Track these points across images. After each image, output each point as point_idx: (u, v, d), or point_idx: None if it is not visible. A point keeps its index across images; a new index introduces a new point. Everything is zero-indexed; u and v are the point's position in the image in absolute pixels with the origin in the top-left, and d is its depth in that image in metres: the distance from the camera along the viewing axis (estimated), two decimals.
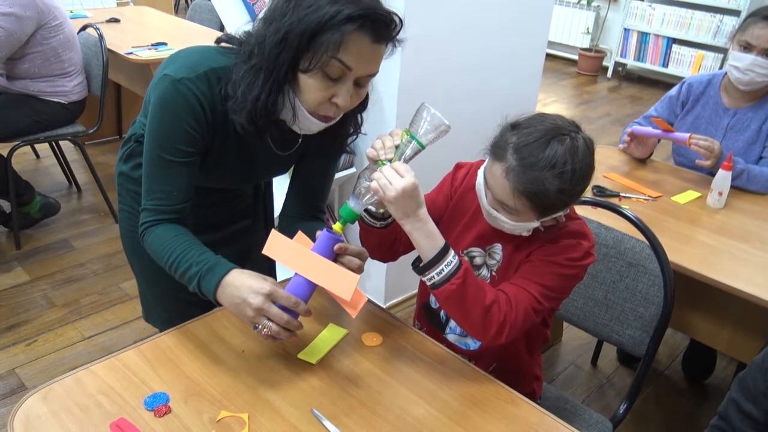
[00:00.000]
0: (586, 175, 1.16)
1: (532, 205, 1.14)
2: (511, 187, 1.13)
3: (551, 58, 6.91)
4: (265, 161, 1.37)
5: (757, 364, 1.11)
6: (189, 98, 1.17)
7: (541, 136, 1.12)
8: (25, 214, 3.09)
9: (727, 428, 1.13)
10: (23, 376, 2.24)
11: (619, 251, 1.60)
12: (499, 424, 1.12)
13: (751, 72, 2.09)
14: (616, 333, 1.61)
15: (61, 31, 2.83)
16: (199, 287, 1.19)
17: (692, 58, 6.07)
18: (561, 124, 1.15)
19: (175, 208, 1.25)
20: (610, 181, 2.19)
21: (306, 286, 1.16)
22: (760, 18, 2.06)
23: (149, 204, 1.25)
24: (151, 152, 1.22)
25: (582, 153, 1.13)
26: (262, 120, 1.17)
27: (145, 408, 1.09)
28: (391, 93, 2.26)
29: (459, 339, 1.40)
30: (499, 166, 1.15)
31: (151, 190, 1.24)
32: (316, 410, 1.11)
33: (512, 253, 1.30)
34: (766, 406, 1.09)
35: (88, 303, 2.66)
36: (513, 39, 2.61)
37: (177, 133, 1.19)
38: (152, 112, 1.20)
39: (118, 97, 4.09)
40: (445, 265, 1.14)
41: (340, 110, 1.18)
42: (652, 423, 2.27)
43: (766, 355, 1.11)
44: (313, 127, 1.21)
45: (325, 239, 1.17)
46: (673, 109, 2.37)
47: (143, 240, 1.27)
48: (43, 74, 2.83)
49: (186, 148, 1.21)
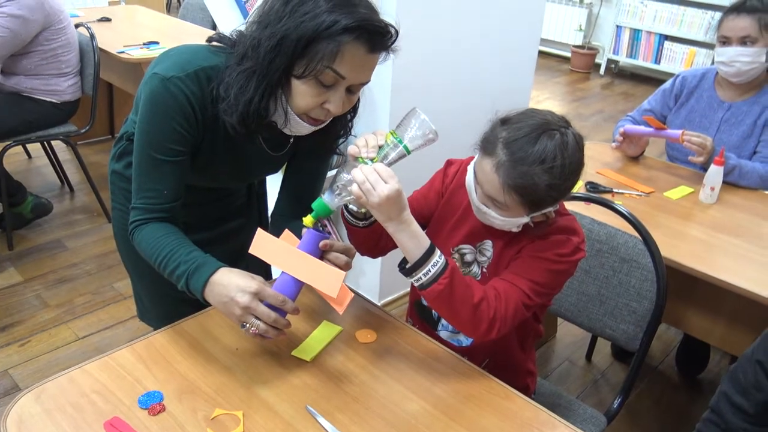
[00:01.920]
0: (576, 171, 1.16)
1: (522, 200, 1.14)
2: (501, 182, 1.13)
3: (544, 56, 6.92)
4: (257, 161, 1.37)
5: (747, 357, 1.12)
6: (179, 97, 1.16)
7: (531, 131, 1.12)
8: (18, 215, 3.07)
9: (719, 421, 1.14)
10: (17, 377, 2.23)
11: (612, 247, 1.61)
12: (493, 419, 1.12)
13: (736, 63, 2.11)
14: (610, 328, 1.62)
15: (64, 33, 2.85)
16: (187, 286, 1.18)
17: (684, 55, 6.09)
18: (551, 119, 1.15)
19: (165, 206, 1.24)
20: (603, 177, 2.19)
21: (293, 284, 1.16)
22: (730, 11, 2.12)
23: (139, 203, 1.24)
24: (141, 151, 1.21)
25: (572, 148, 1.13)
26: (253, 123, 1.17)
27: (139, 406, 1.09)
28: (384, 91, 2.26)
29: (451, 336, 1.41)
30: (489, 161, 1.15)
31: (141, 189, 1.24)
32: (311, 407, 1.11)
33: (503, 249, 1.31)
34: (756, 398, 1.09)
35: (81, 303, 2.65)
36: (506, 36, 2.61)
37: (167, 131, 1.19)
38: (142, 110, 1.20)
39: (110, 96, 4.08)
40: (432, 265, 1.14)
41: (330, 115, 1.19)
42: (646, 417, 2.28)
43: (755, 348, 1.12)
44: (303, 129, 1.22)
45: (311, 237, 1.17)
46: (667, 102, 2.38)
47: (133, 239, 1.26)
48: (38, 72, 2.83)
49: (176, 147, 1.20)
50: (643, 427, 2.23)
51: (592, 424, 1.54)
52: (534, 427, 1.12)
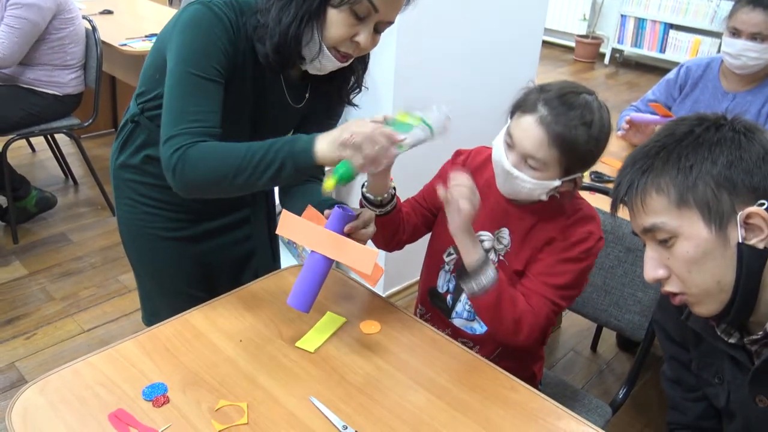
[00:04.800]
0: (608, 133, 1.23)
1: (561, 156, 1.19)
2: (545, 134, 1.17)
3: (548, 46, 6.88)
4: (277, 111, 1.36)
5: None
6: (222, 18, 1.17)
7: (570, 90, 1.21)
8: (22, 209, 3.08)
9: (671, 403, 1.21)
10: (23, 370, 2.24)
11: (617, 236, 1.60)
12: (498, 410, 1.12)
13: (743, 56, 2.09)
14: (615, 318, 1.61)
15: (72, 23, 2.86)
16: (294, 160, 1.10)
17: (689, 44, 6.05)
18: (584, 86, 1.25)
19: (213, 131, 1.15)
20: (608, 167, 2.18)
21: (324, 262, 1.18)
22: (744, 3, 2.08)
23: (184, 128, 1.12)
24: (180, 74, 1.15)
25: (603, 108, 1.23)
26: (289, 51, 1.18)
27: (143, 398, 1.09)
28: (387, 80, 2.25)
29: (465, 323, 1.41)
30: (529, 117, 1.20)
31: (183, 114, 1.13)
32: (315, 398, 1.11)
33: (520, 238, 1.32)
34: (670, 363, 1.18)
35: (86, 296, 2.65)
36: (509, 26, 2.59)
37: (212, 50, 1.17)
38: (181, 33, 1.17)
39: (113, 89, 4.07)
40: (485, 276, 1.21)
41: (358, 50, 1.21)
42: (651, 407, 2.27)
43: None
44: (329, 65, 1.23)
45: (337, 216, 1.18)
46: (671, 93, 2.36)
47: (185, 159, 1.12)
48: (43, 62, 2.83)
49: (219, 68, 1.18)
50: (648, 417, 2.23)
51: (597, 414, 1.54)
52: (539, 417, 1.11)
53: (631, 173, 0.93)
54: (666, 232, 0.90)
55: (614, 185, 0.98)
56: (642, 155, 0.93)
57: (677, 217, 0.89)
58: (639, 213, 0.93)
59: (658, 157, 0.91)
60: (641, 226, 0.93)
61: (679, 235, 0.89)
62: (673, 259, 0.91)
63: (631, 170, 0.93)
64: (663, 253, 0.92)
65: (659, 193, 0.90)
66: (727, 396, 1.03)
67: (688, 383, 1.13)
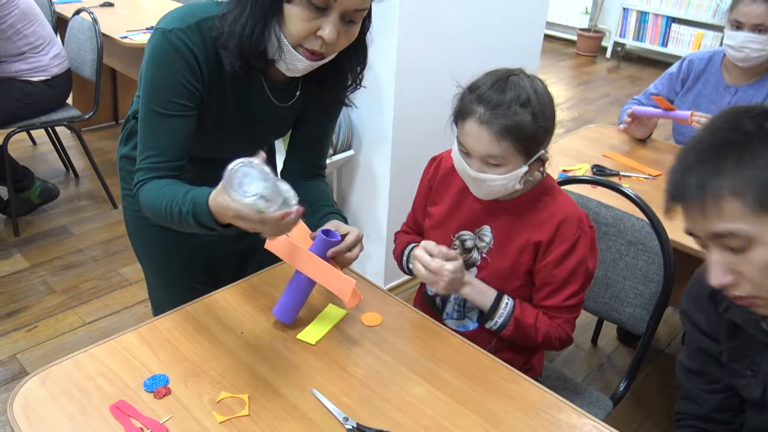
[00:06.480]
0: (551, 100, 1.23)
1: (515, 144, 1.18)
2: (491, 132, 1.17)
3: (550, 39, 6.85)
4: (265, 114, 1.34)
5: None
6: (180, 48, 1.15)
7: (497, 80, 1.21)
8: (25, 200, 3.07)
9: (684, 393, 1.18)
10: (24, 362, 2.25)
11: (618, 230, 1.60)
12: (499, 402, 1.12)
13: (746, 49, 2.08)
14: (616, 311, 1.61)
15: (15, 6, 2.71)
16: (198, 224, 1.12)
17: (692, 37, 6.02)
18: (508, 68, 1.25)
19: (170, 165, 1.20)
20: (610, 161, 2.18)
21: (308, 281, 1.24)
22: None
23: (143, 163, 1.20)
24: (144, 109, 1.19)
25: (535, 80, 1.23)
26: (250, 53, 1.15)
27: (144, 390, 1.09)
28: (389, 74, 2.24)
29: (457, 323, 1.42)
30: (470, 121, 1.20)
31: (144, 149, 1.20)
32: (316, 390, 1.11)
33: (502, 234, 1.33)
34: (695, 355, 1.14)
35: (87, 288, 2.66)
36: (511, 20, 2.58)
37: (169, 85, 1.16)
38: (145, 65, 1.18)
39: (114, 82, 4.06)
40: (499, 316, 1.31)
41: (326, 46, 1.14)
42: (652, 401, 2.28)
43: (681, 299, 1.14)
44: (299, 65, 1.17)
45: (319, 243, 1.22)
46: (673, 87, 2.36)
47: (138, 200, 1.22)
48: (10, 53, 2.75)
49: (180, 101, 1.18)
50: (649, 410, 2.23)
51: (598, 408, 1.54)
52: (540, 409, 1.11)
53: (699, 173, 0.84)
54: (741, 239, 0.82)
55: (670, 185, 0.88)
56: (710, 153, 0.84)
57: (755, 222, 0.81)
58: (709, 217, 0.84)
59: (731, 157, 0.82)
60: (710, 231, 0.84)
61: (756, 241, 0.82)
62: (747, 264, 0.84)
63: (698, 170, 0.84)
64: (732, 258, 0.85)
65: (734, 197, 0.81)
66: (763, 388, 1.01)
67: (711, 375, 1.11)
